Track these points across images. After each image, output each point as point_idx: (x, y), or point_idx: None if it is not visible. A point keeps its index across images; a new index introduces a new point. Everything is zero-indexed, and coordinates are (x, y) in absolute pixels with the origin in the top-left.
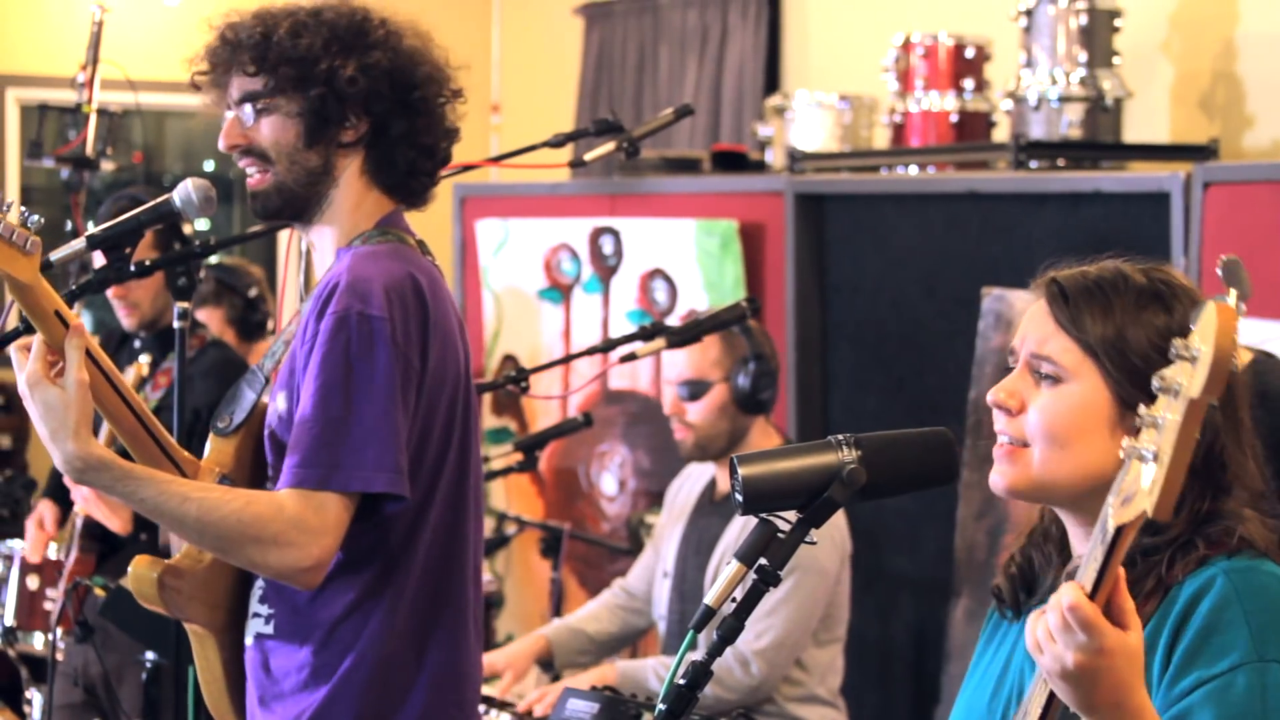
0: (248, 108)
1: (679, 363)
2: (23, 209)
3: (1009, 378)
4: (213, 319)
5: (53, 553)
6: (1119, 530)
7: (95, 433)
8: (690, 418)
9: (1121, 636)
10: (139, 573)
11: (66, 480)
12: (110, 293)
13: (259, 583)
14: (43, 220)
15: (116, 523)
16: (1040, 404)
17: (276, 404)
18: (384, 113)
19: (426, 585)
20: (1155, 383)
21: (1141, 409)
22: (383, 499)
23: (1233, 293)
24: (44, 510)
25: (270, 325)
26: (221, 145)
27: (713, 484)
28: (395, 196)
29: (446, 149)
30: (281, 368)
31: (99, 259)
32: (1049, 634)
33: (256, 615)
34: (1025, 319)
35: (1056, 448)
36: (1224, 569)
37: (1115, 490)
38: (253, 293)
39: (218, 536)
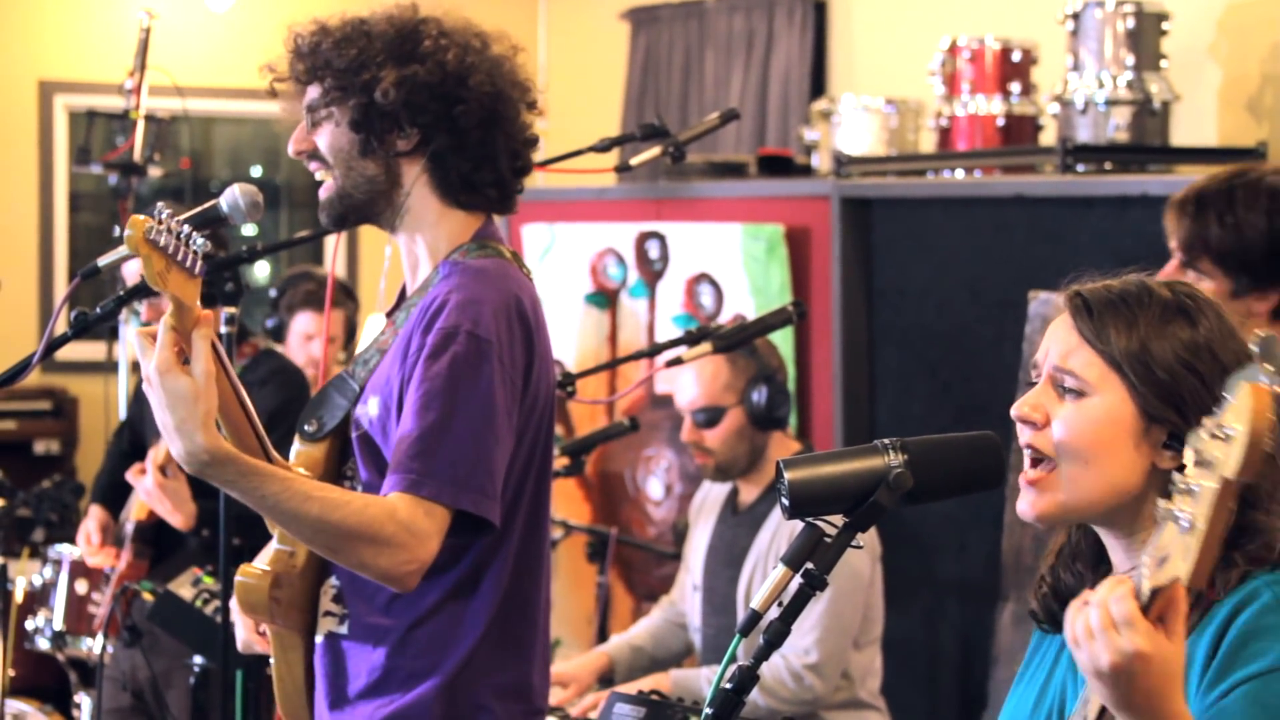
0: (309, 116)
1: (690, 391)
2: (189, 228)
3: (1032, 391)
4: None
5: (101, 560)
6: (1155, 592)
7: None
8: (709, 444)
9: (1162, 642)
10: (250, 583)
11: (130, 477)
12: (144, 314)
13: (333, 581)
14: (208, 244)
15: (179, 518)
16: (1064, 417)
17: (368, 408)
18: (427, 125)
19: (504, 596)
20: (1190, 453)
21: (1176, 476)
22: (470, 517)
23: (1268, 369)
24: (96, 517)
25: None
26: (290, 150)
27: (734, 494)
28: (471, 205)
29: (519, 157)
30: (375, 374)
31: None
32: (1088, 630)
33: (329, 614)
34: (1048, 333)
35: (1080, 464)
36: (1268, 581)
37: (1150, 550)
38: None
39: (334, 536)
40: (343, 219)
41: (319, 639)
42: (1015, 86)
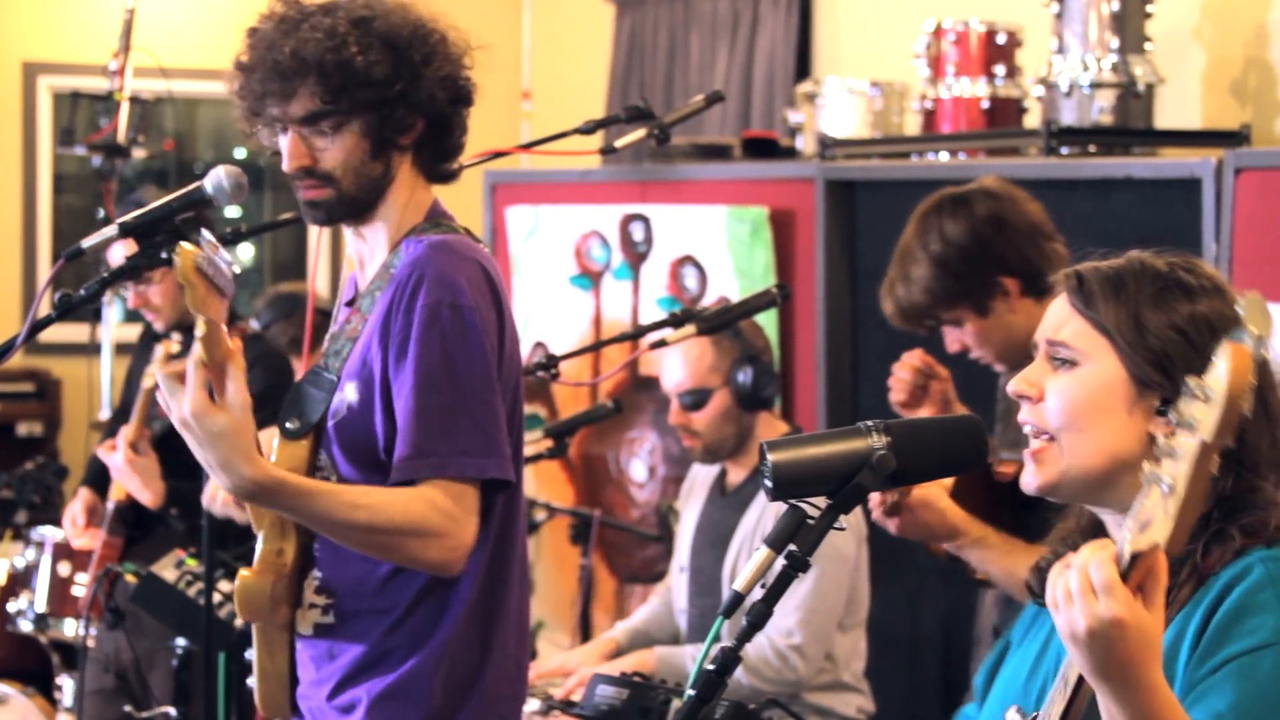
0: (321, 125)
1: (676, 374)
2: (222, 250)
3: (1029, 367)
4: None
5: (86, 542)
6: (1135, 556)
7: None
8: (696, 427)
9: (1139, 610)
10: (253, 585)
11: (101, 453)
12: (130, 302)
13: (315, 573)
14: (237, 268)
15: (148, 496)
16: (1057, 388)
17: (345, 395)
18: (441, 113)
19: (492, 567)
20: (1172, 416)
21: (1160, 439)
22: (487, 484)
23: (1251, 331)
24: (83, 499)
25: None
26: (287, 167)
27: (723, 475)
28: (445, 177)
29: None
30: (349, 362)
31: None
32: (1067, 593)
33: (313, 606)
34: (1047, 311)
35: (1075, 431)
36: (1262, 558)
37: (1134, 514)
38: None
39: (384, 537)
40: (339, 220)
41: (305, 632)
42: (1000, 69)
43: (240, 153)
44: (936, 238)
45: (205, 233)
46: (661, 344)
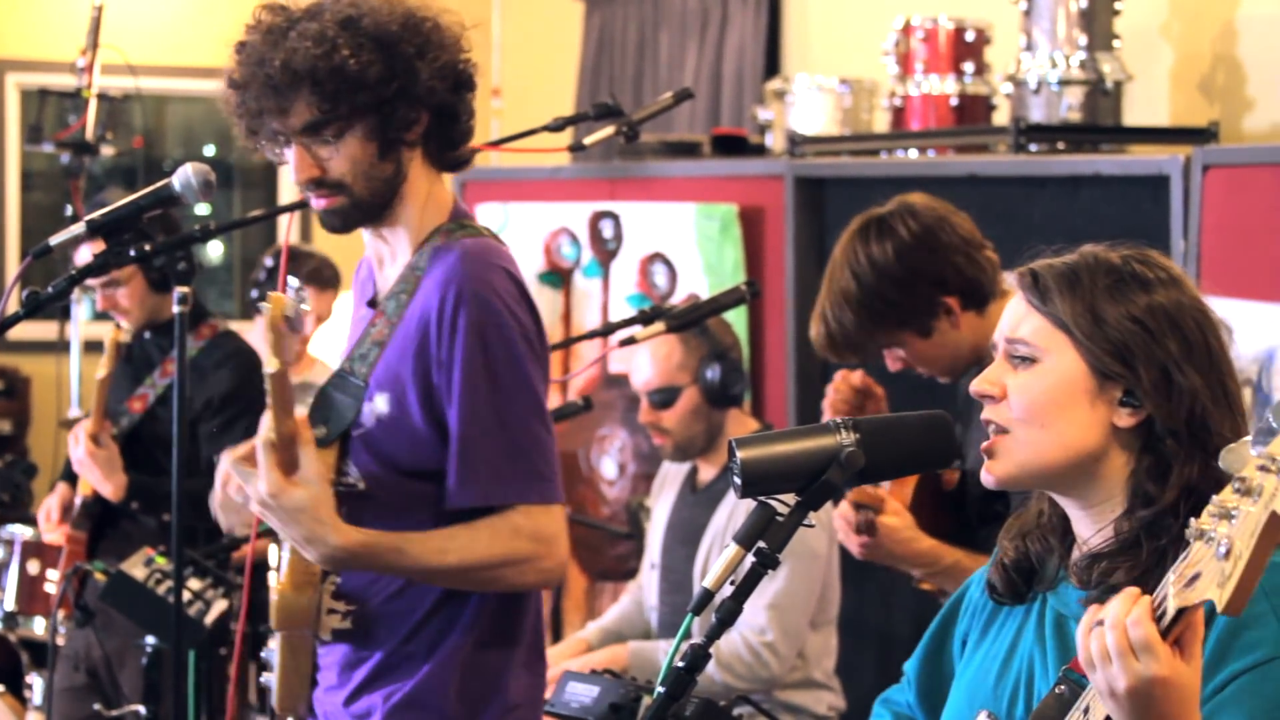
0: (324, 134)
1: (645, 372)
2: (299, 291)
3: (990, 367)
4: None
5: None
6: (1180, 612)
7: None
8: (666, 425)
9: (1180, 667)
10: (294, 602)
11: (70, 444)
12: (99, 304)
13: (333, 579)
14: (307, 307)
15: (109, 488)
16: (1017, 385)
17: (375, 405)
18: (444, 102)
19: None
20: (1235, 483)
21: (1214, 498)
22: None
23: None
24: (60, 494)
25: None
26: (296, 180)
27: (694, 473)
28: (455, 165)
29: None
30: (378, 370)
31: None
32: (1104, 653)
33: (333, 612)
34: (1004, 311)
35: (1037, 427)
36: None
37: (1176, 569)
38: None
39: (478, 574)
40: (356, 225)
41: (325, 637)
42: (969, 66)
43: (209, 150)
44: (866, 266)
45: (294, 280)
46: (631, 341)
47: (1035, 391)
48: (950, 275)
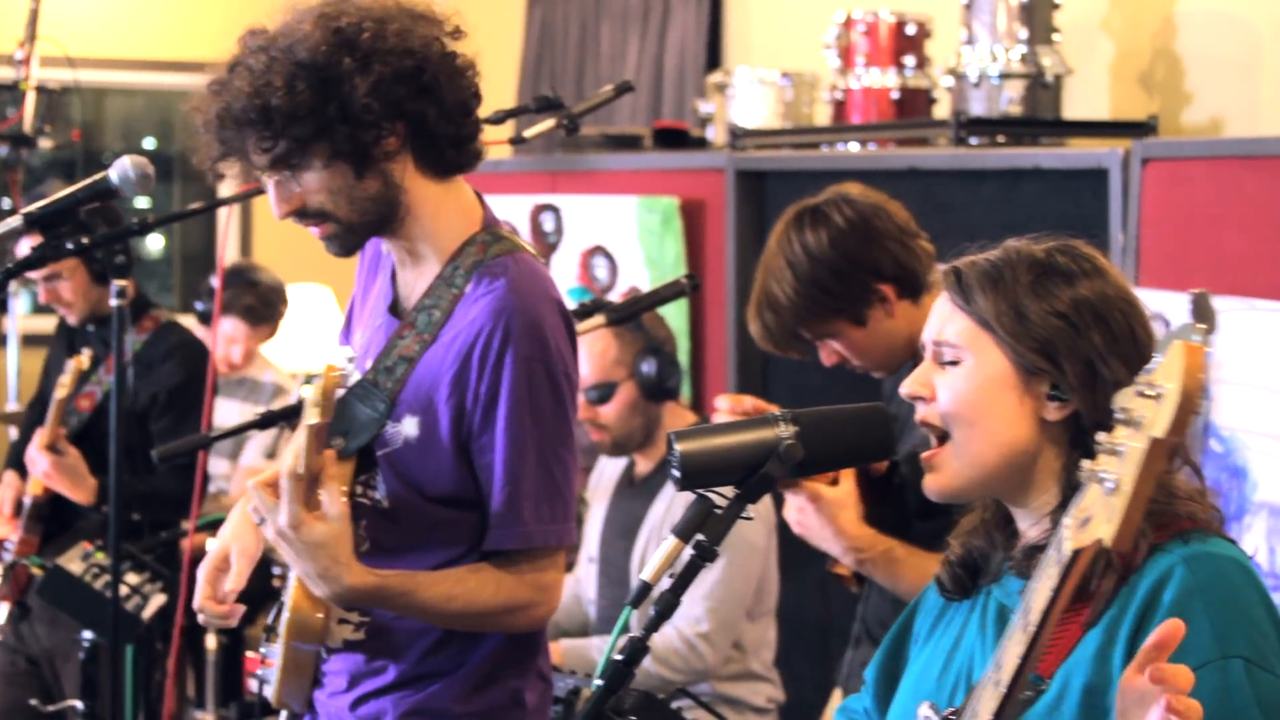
0: (283, 172)
1: (581, 368)
2: (350, 361)
3: (919, 368)
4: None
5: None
6: (1076, 553)
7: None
8: (603, 420)
9: None
10: (308, 620)
11: (28, 457)
12: (41, 297)
13: None
14: (356, 375)
15: (81, 494)
16: (944, 385)
17: (403, 428)
18: (413, 110)
19: None
20: (1118, 412)
21: (1101, 436)
22: None
23: (1200, 328)
24: (11, 485)
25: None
26: (277, 215)
27: (631, 466)
28: (462, 165)
29: (476, 92)
30: (408, 390)
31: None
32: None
33: (345, 622)
34: (930, 314)
35: (967, 426)
36: (1182, 557)
37: (1072, 511)
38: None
39: (478, 620)
40: (360, 244)
41: (334, 645)
42: (909, 60)
43: (149, 142)
44: (801, 254)
45: (349, 350)
46: None
47: (962, 390)
48: (885, 263)
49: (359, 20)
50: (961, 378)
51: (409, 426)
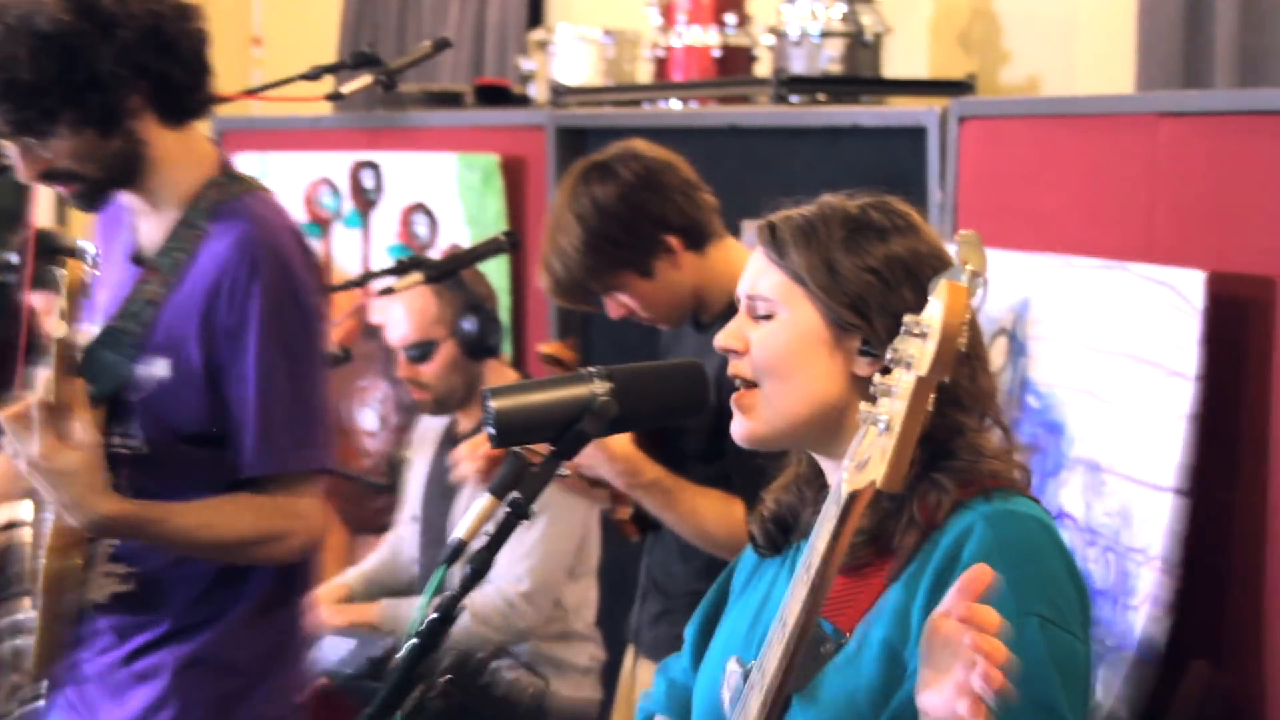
0: (28, 139)
1: (400, 328)
2: (95, 256)
3: (732, 321)
4: None
5: None
6: (852, 495)
7: None
8: (424, 379)
9: None
10: (64, 568)
11: None
12: None
13: (108, 542)
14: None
15: None
16: (757, 339)
17: (154, 370)
18: (157, 68)
19: None
20: (889, 354)
21: (877, 379)
22: None
23: (968, 268)
24: None
25: None
26: (24, 179)
27: (453, 425)
28: (197, 110)
29: (206, 37)
30: (157, 331)
31: None
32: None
33: (110, 575)
34: (746, 267)
35: (778, 380)
36: (983, 514)
37: (851, 454)
38: None
39: (233, 550)
40: (107, 200)
41: (100, 599)
42: (731, 18)
43: None
44: (589, 206)
45: (89, 245)
46: (389, 291)
47: (773, 345)
48: (671, 214)
49: None
50: (774, 332)
51: (160, 368)
